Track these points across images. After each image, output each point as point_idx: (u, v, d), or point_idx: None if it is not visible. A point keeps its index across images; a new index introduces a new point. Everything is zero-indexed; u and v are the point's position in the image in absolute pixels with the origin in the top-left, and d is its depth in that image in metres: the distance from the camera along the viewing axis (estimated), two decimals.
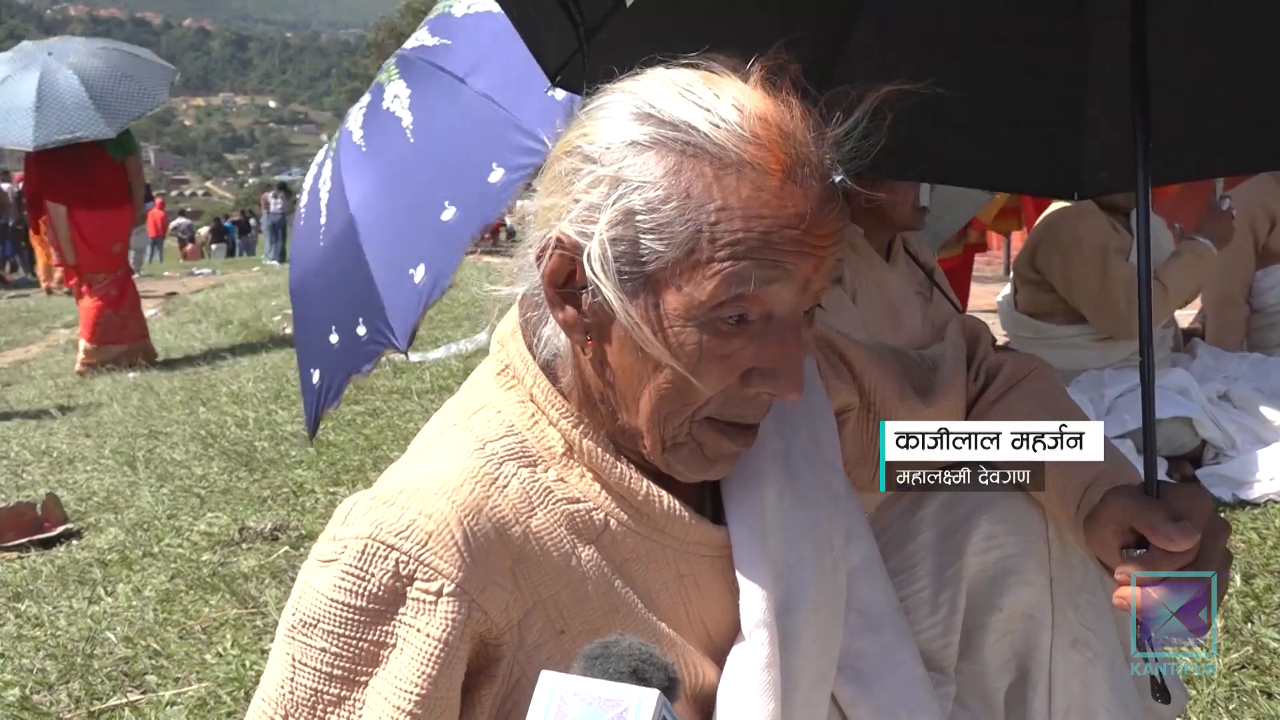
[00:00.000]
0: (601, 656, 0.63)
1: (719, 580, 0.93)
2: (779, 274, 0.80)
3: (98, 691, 2.24)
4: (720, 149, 0.79)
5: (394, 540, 0.79)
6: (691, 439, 0.87)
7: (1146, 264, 1.12)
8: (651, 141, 0.81)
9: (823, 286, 0.84)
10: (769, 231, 0.79)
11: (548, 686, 0.60)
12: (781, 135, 0.81)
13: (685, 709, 0.90)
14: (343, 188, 2.47)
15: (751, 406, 0.87)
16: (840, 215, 0.83)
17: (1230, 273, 3.54)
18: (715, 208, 0.79)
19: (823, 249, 0.81)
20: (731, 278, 0.79)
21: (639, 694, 0.59)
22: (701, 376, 0.83)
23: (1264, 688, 1.83)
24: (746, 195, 0.79)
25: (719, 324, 0.81)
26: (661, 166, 0.80)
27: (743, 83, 0.84)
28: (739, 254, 0.79)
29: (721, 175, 0.79)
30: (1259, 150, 1.69)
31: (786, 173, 0.80)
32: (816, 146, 0.82)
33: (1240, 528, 2.47)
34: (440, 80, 2.35)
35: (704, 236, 0.79)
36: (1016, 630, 1.09)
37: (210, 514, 3.36)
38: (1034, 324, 3.16)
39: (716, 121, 0.80)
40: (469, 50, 2.38)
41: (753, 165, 0.79)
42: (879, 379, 1.12)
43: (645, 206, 0.80)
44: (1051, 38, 1.60)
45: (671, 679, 0.63)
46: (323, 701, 0.80)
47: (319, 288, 2.59)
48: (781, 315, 0.83)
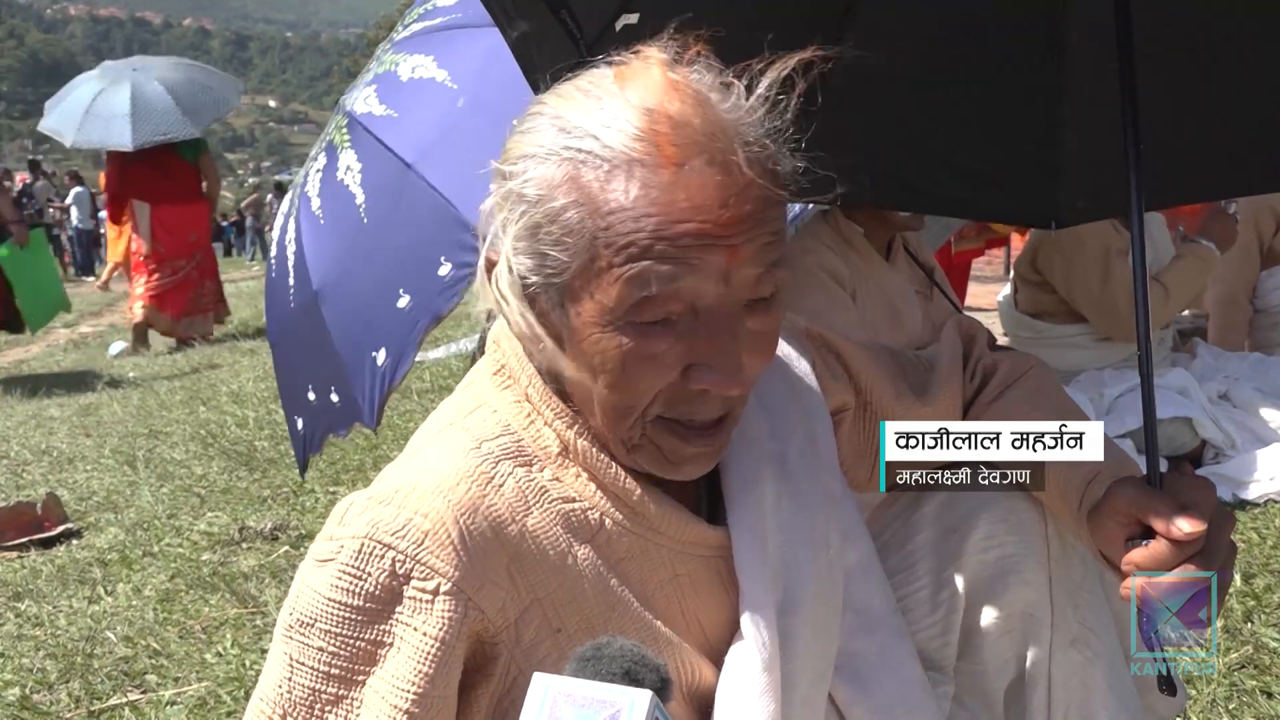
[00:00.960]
0: (594, 658, 0.63)
1: (714, 580, 0.93)
2: (682, 270, 0.77)
3: (98, 691, 2.24)
4: (610, 150, 0.78)
5: (390, 539, 0.79)
6: (648, 441, 0.86)
7: (1142, 266, 1.13)
8: (549, 153, 0.80)
9: (757, 274, 0.80)
10: (660, 229, 0.76)
11: (540, 688, 0.60)
12: (673, 126, 0.78)
13: (681, 709, 0.90)
14: (304, 259, 2.42)
15: (700, 404, 0.84)
16: (759, 199, 0.79)
17: (1234, 273, 3.54)
18: (606, 211, 0.77)
19: (732, 238, 0.78)
20: (633, 281, 0.78)
21: (632, 695, 0.59)
22: (633, 379, 0.81)
23: (1264, 687, 1.83)
24: (635, 194, 0.77)
25: (640, 326, 0.79)
26: (558, 176, 0.79)
27: (650, 74, 0.81)
28: (634, 256, 0.77)
29: (612, 177, 0.77)
30: (1252, 173, 1.70)
31: (678, 165, 0.77)
32: (720, 133, 0.79)
33: (1240, 527, 2.47)
34: (388, 163, 2.27)
35: (599, 242, 0.78)
36: (1016, 629, 1.09)
37: (210, 513, 3.36)
38: (1034, 324, 3.16)
39: (608, 122, 0.78)
40: (416, 128, 2.27)
41: (641, 162, 0.77)
42: (875, 378, 1.12)
43: (546, 219, 0.80)
44: (1025, 69, 1.61)
45: (664, 680, 0.63)
46: (320, 701, 0.80)
47: (293, 347, 2.54)
48: (709, 309, 0.80)
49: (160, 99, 7.36)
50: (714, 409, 0.85)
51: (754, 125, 0.82)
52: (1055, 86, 1.59)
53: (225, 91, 7.94)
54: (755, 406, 1.00)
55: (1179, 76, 1.47)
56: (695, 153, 0.77)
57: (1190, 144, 1.57)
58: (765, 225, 0.80)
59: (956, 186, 1.80)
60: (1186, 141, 1.56)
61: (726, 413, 0.87)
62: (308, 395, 2.46)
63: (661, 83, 0.80)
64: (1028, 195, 1.78)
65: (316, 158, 2.57)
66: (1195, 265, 2.96)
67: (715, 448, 0.88)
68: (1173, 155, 1.50)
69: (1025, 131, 1.68)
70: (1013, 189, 1.79)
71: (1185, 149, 1.56)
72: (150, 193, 7.31)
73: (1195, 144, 1.58)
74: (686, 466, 0.88)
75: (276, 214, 2.81)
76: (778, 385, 1.03)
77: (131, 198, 7.37)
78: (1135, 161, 1.15)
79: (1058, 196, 1.74)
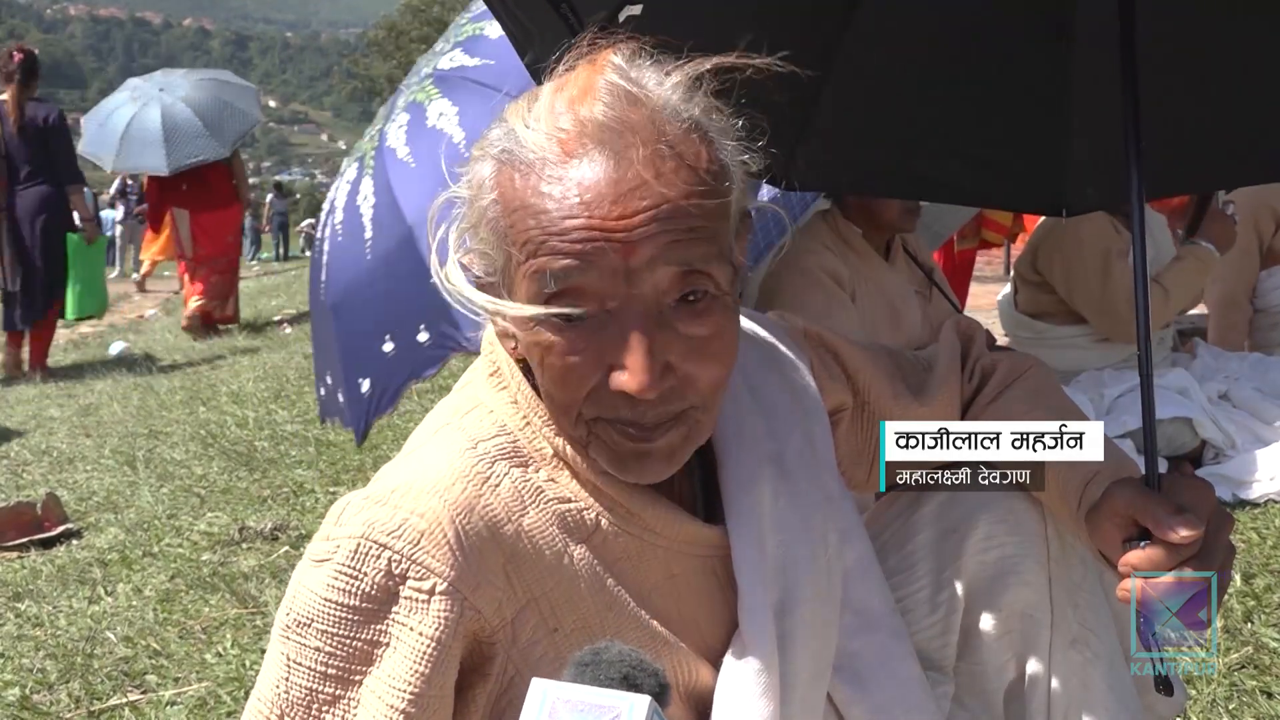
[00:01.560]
0: (592, 663, 0.63)
1: (712, 580, 0.93)
2: (576, 265, 0.77)
3: (98, 691, 2.24)
4: (523, 148, 0.79)
5: (386, 539, 0.79)
6: (597, 438, 0.84)
7: (1142, 265, 1.12)
8: (484, 153, 0.83)
9: (672, 273, 0.78)
10: (551, 225, 0.77)
11: (539, 694, 0.60)
12: (580, 125, 0.78)
13: (679, 709, 0.90)
14: (395, 202, 2.51)
15: (627, 406, 0.81)
16: (663, 196, 0.76)
17: (1234, 273, 3.54)
18: (512, 209, 0.79)
19: (625, 232, 0.76)
20: (533, 277, 0.78)
21: (631, 700, 0.59)
22: (560, 377, 0.81)
23: (1264, 687, 1.83)
24: (535, 191, 0.78)
25: (558, 324, 0.79)
26: (487, 175, 0.82)
27: (580, 75, 0.81)
28: (531, 252, 0.78)
29: (522, 175, 0.79)
30: (1253, 164, 1.70)
31: (577, 160, 0.77)
32: (629, 130, 0.77)
33: (1240, 528, 2.47)
34: (490, 97, 2.37)
35: (508, 239, 0.80)
36: (1015, 630, 1.09)
37: (210, 514, 3.36)
38: (1034, 325, 3.16)
39: (530, 123, 0.80)
40: (516, 69, 2.40)
41: (545, 160, 0.78)
42: (873, 378, 1.12)
43: (479, 221, 0.82)
44: (1034, 58, 1.61)
45: (662, 685, 0.63)
46: (317, 701, 0.80)
47: (368, 299, 2.62)
48: (619, 308, 0.79)
49: (189, 123, 7.87)
50: (648, 413, 0.81)
51: (678, 122, 0.80)
52: (1064, 74, 1.58)
53: (246, 105, 8.44)
54: (752, 406, 0.99)
55: (1181, 67, 1.47)
56: (595, 150, 0.77)
57: (1192, 134, 1.57)
58: (674, 222, 0.77)
59: (967, 176, 1.79)
60: (1188, 132, 1.55)
61: (673, 417, 0.83)
62: (382, 348, 2.52)
63: (587, 83, 0.80)
64: (1037, 183, 1.77)
65: (394, 116, 2.70)
66: (1195, 266, 2.96)
67: (665, 449, 0.83)
68: (1174, 145, 1.49)
69: (1034, 120, 1.67)
70: (1022, 177, 1.78)
71: (1187, 139, 1.56)
72: (189, 202, 7.86)
73: (1196, 134, 1.57)
74: (634, 466, 0.84)
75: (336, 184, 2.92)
76: (775, 385, 1.03)
77: (172, 207, 7.99)
78: (1136, 159, 1.15)
79: (1066, 184, 1.73)
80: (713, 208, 0.79)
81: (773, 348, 1.07)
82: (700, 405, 0.84)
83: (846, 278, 2.50)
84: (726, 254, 0.81)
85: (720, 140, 0.83)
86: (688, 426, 0.84)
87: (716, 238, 0.80)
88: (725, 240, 0.82)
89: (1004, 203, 2.46)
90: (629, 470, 0.85)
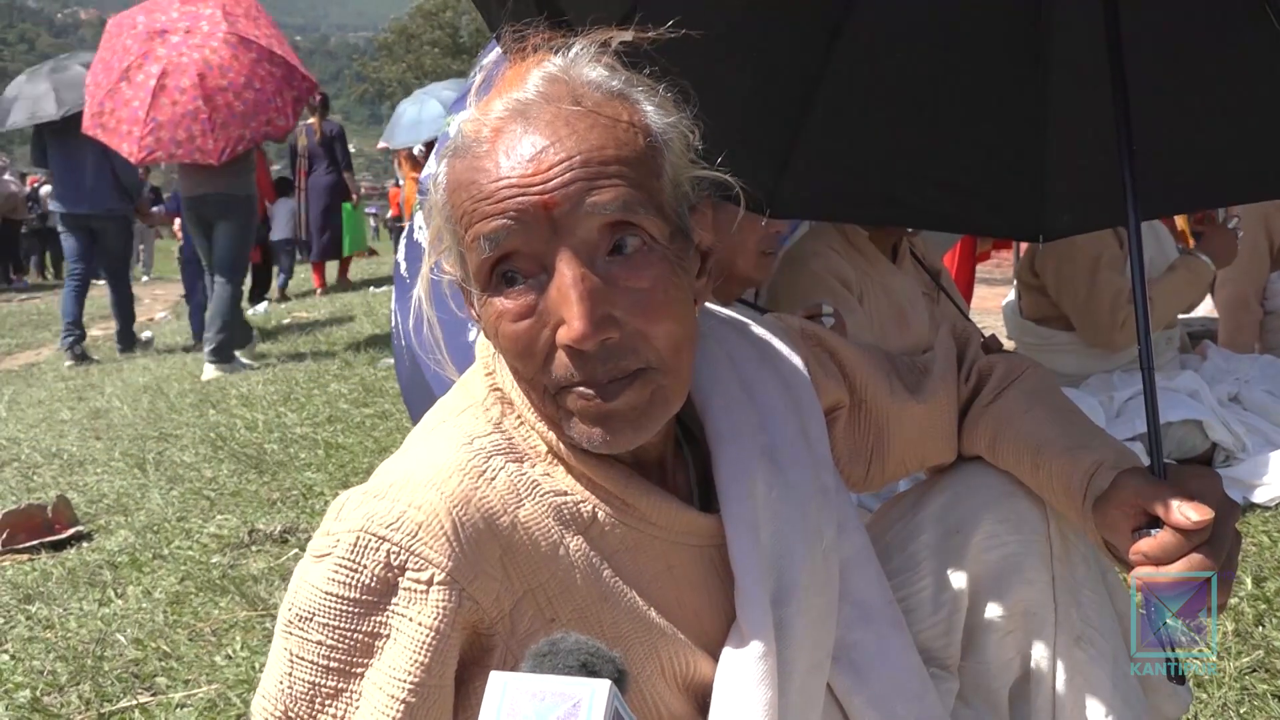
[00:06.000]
0: (550, 653, 0.63)
1: (709, 571, 0.94)
2: (506, 224, 0.80)
3: (108, 693, 2.25)
4: (463, 137, 0.85)
5: (385, 532, 0.80)
6: (566, 411, 0.85)
7: (1140, 270, 1.13)
8: (441, 159, 0.88)
9: (599, 222, 0.80)
10: (477, 195, 0.82)
11: (498, 686, 0.59)
12: (508, 105, 0.84)
13: (678, 700, 0.90)
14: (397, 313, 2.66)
15: (580, 365, 0.82)
16: (581, 148, 0.80)
17: (1244, 275, 3.53)
18: (452, 192, 0.85)
19: (543, 184, 0.80)
20: (473, 246, 0.83)
21: (591, 685, 0.58)
22: (515, 343, 0.83)
23: (1275, 691, 1.82)
24: (469, 169, 0.83)
25: (506, 291, 0.83)
26: (441, 170, 0.87)
27: (521, 65, 0.87)
28: (467, 224, 0.83)
29: (461, 159, 0.84)
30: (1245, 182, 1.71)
31: (503, 135, 0.82)
32: (549, 99, 0.83)
33: (1251, 530, 2.46)
34: None
35: (453, 222, 0.86)
36: (1019, 628, 1.09)
37: (220, 516, 3.37)
38: (1039, 330, 3.14)
39: (472, 114, 0.86)
40: None
41: (478, 140, 0.84)
42: (870, 376, 1.13)
43: (439, 221, 0.88)
44: (1010, 85, 1.64)
45: (620, 670, 0.62)
46: (320, 694, 0.80)
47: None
48: (557, 263, 0.81)
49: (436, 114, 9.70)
50: (598, 369, 0.82)
51: (600, 92, 0.85)
52: (1040, 101, 1.62)
53: None
54: (745, 400, 1.00)
55: (1168, 87, 1.48)
56: (519, 123, 0.82)
57: (1179, 154, 1.58)
58: (589, 169, 0.80)
59: (944, 201, 1.83)
60: (1175, 151, 1.57)
61: (627, 374, 0.83)
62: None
63: (520, 72, 0.86)
64: (1014, 209, 1.81)
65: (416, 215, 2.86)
66: (1186, 278, 2.94)
67: (626, 409, 0.83)
68: (1160, 166, 1.50)
69: (1010, 146, 1.71)
70: (999, 203, 1.82)
71: (1174, 159, 1.58)
72: None
73: (1184, 154, 1.59)
74: (602, 432, 0.84)
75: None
76: (768, 378, 1.04)
77: None
78: (1129, 169, 1.16)
79: (1043, 210, 1.77)
80: (632, 157, 0.82)
81: (767, 344, 1.07)
82: (660, 367, 0.84)
83: (854, 280, 2.49)
84: (661, 209, 0.84)
85: (645, 105, 0.87)
86: (650, 389, 0.84)
87: (642, 188, 0.82)
88: (657, 196, 0.84)
89: (983, 229, 2.49)
90: (598, 440, 0.84)
